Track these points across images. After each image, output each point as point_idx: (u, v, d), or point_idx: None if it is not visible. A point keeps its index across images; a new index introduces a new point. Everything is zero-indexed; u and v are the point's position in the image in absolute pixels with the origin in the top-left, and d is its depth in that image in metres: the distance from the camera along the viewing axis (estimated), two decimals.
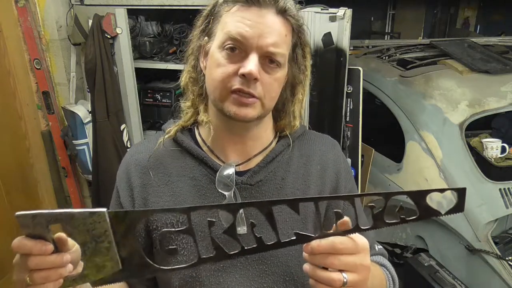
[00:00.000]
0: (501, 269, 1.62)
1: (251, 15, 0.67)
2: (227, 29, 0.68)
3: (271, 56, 0.69)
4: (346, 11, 1.65)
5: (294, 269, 0.78)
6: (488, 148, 1.96)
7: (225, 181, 0.75)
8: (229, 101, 0.70)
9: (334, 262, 0.57)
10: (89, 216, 0.52)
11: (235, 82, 0.68)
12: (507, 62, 2.19)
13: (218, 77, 0.70)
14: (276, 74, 0.71)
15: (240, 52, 0.68)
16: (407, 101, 2.08)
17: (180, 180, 0.78)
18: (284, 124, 0.82)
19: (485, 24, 5.26)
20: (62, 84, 2.11)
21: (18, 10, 1.91)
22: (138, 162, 0.82)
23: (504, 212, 1.72)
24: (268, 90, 0.71)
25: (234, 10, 0.69)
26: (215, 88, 0.71)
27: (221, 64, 0.69)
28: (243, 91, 0.68)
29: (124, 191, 0.81)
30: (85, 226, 0.52)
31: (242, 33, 0.67)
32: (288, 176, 0.80)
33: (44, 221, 0.51)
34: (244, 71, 0.67)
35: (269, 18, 0.68)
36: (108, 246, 0.53)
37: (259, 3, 0.67)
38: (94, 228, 0.52)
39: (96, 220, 0.52)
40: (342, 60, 1.73)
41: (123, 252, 0.54)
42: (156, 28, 2.12)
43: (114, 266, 0.54)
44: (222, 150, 0.80)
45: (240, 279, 0.76)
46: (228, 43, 0.68)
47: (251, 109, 0.71)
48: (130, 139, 2.11)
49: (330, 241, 0.57)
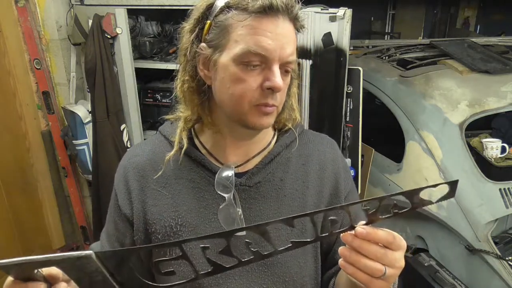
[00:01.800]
0: (501, 269, 1.62)
1: (269, 26, 0.65)
2: (246, 43, 0.65)
3: (288, 66, 0.69)
4: (346, 11, 1.65)
5: (293, 270, 0.78)
6: (488, 148, 1.96)
7: (224, 183, 0.75)
8: (252, 114, 0.69)
9: (383, 254, 0.56)
10: (76, 259, 0.51)
11: (258, 96, 0.67)
12: (507, 62, 2.19)
13: (238, 92, 0.68)
14: (287, 80, 0.72)
15: (260, 65, 0.67)
16: (407, 101, 2.08)
17: (178, 182, 0.78)
18: (284, 119, 0.81)
19: (485, 24, 5.26)
20: (62, 84, 2.11)
21: (18, 10, 1.91)
22: (136, 165, 0.81)
23: (504, 212, 1.72)
24: (283, 97, 0.72)
25: (249, 21, 0.65)
26: (235, 103, 0.69)
27: (241, 79, 0.67)
28: (268, 105, 0.68)
29: (122, 195, 0.80)
30: (76, 267, 0.51)
31: (265, 47, 0.65)
32: (286, 177, 0.79)
33: (30, 268, 0.50)
34: (274, 86, 0.66)
35: (285, 27, 0.67)
36: (102, 279, 0.53)
37: (275, 12, 0.65)
38: (85, 268, 0.52)
39: (85, 262, 0.51)
40: (342, 60, 1.73)
41: (120, 278, 0.55)
42: (156, 28, 2.12)
43: None
44: (223, 152, 0.79)
45: (239, 281, 0.76)
46: (251, 59, 0.66)
47: (271, 117, 0.71)
48: (130, 139, 2.11)
49: (388, 232, 0.56)
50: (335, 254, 0.83)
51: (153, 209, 0.77)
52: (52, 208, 2.25)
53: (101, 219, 2.08)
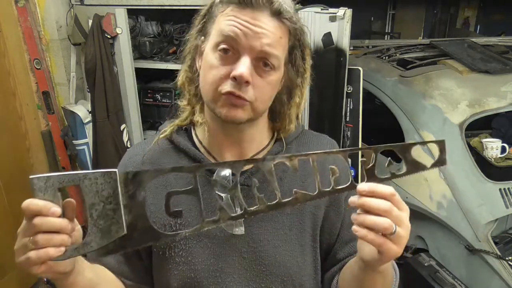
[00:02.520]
0: (501, 269, 1.62)
1: (245, 16, 0.66)
2: (220, 28, 0.68)
3: (265, 58, 0.68)
4: (346, 11, 1.65)
5: (292, 270, 0.78)
6: (488, 148, 1.96)
7: (222, 181, 0.74)
8: (220, 103, 0.69)
9: (389, 207, 0.57)
10: (101, 176, 0.54)
11: (226, 84, 0.67)
12: (507, 62, 2.19)
13: (210, 79, 0.69)
14: (269, 77, 0.70)
15: (233, 54, 0.67)
16: (407, 101, 2.08)
17: (177, 181, 0.78)
18: (279, 127, 0.81)
19: (485, 24, 5.26)
20: (62, 84, 2.11)
21: (18, 10, 1.91)
22: (136, 164, 0.81)
23: (504, 212, 1.72)
24: (260, 94, 0.70)
25: (228, 10, 0.67)
26: (207, 90, 0.71)
27: (214, 66, 0.68)
28: (233, 94, 0.67)
29: None
30: (96, 187, 0.54)
31: (235, 31, 0.66)
32: (285, 177, 0.79)
33: (57, 183, 0.52)
34: (235, 74, 0.65)
35: (263, 20, 0.67)
36: (115, 208, 0.54)
37: (252, 5, 0.66)
38: (103, 189, 0.54)
39: (107, 180, 0.54)
40: (342, 60, 1.73)
41: (129, 217, 0.55)
42: (156, 28, 2.12)
43: (119, 230, 0.55)
44: (219, 151, 0.79)
45: (238, 280, 0.76)
46: (222, 45, 0.67)
47: (241, 110, 0.70)
48: (130, 139, 2.11)
49: (390, 188, 0.57)
50: (336, 254, 0.83)
51: (153, 208, 0.77)
52: None
53: None
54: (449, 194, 1.77)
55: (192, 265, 0.75)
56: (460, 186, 1.75)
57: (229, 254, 0.76)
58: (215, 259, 0.75)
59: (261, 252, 0.76)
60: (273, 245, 0.76)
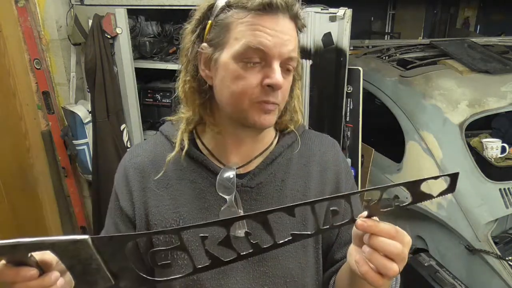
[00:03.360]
0: (501, 269, 1.62)
1: (268, 23, 0.65)
2: (246, 39, 0.65)
3: (289, 63, 0.69)
4: (346, 11, 1.65)
5: (294, 271, 0.78)
6: (488, 148, 1.96)
7: (225, 184, 0.74)
8: (252, 111, 0.69)
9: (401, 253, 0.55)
10: (71, 244, 0.50)
11: (259, 93, 0.67)
12: (507, 62, 2.19)
13: (239, 89, 0.67)
14: (289, 78, 0.72)
15: (260, 62, 0.67)
16: (407, 101, 2.08)
17: (180, 183, 0.78)
18: (286, 121, 0.81)
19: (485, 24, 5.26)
20: (62, 84, 2.11)
21: (18, 10, 1.91)
22: (137, 165, 0.80)
23: (504, 212, 1.72)
24: (285, 95, 0.72)
25: (249, 18, 0.66)
26: (236, 101, 0.69)
27: (241, 76, 0.67)
28: (268, 102, 0.68)
29: (124, 195, 0.80)
30: (69, 253, 0.50)
31: (264, 43, 0.65)
32: (288, 178, 0.79)
33: (24, 250, 0.49)
34: (272, 82, 0.66)
35: (285, 25, 0.67)
36: (97, 268, 0.52)
37: (274, 10, 0.66)
38: (78, 254, 0.51)
39: (80, 247, 0.50)
40: (342, 60, 1.73)
41: (114, 268, 0.53)
42: (156, 28, 2.12)
43: (107, 282, 0.53)
44: (224, 153, 0.78)
45: (241, 281, 0.76)
46: (251, 55, 0.66)
47: (272, 116, 0.70)
48: (130, 139, 2.11)
49: (390, 225, 0.56)
50: (334, 254, 0.83)
51: (155, 210, 0.77)
52: (52, 208, 2.25)
53: (101, 219, 2.08)
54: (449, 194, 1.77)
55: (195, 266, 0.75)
56: (460, 186, 1.74)
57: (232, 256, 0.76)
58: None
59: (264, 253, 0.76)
60: None
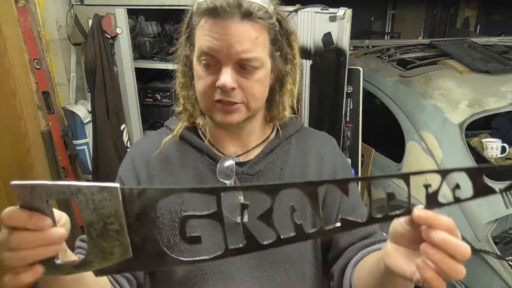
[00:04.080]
0: (501, 269, 1.62)
1: (216, 28, 0.67)
2: (199, 44, 0.71)
3: (245, 63, 0.69)
4: (346, 11, 1.65)
5: (294, 257, 0.79)
6: (488, 148, 1.96)
7: (225, 171, 0.78)
8: (215, 110, 0.73)
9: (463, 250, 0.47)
10: (98, 191, 0.43)
11: (216, 93, 0.71)
12: (507, 62, 2.19)
13: (200, 89, 0.73)
14: (255, 77, 0.71)
15: (214, 64, 0.70)
16: (407, 101, 2.08)
17: (183, 170, 0.81)
18: (273, 115, 0.83)
19: (485, 24, 5.25)
20: (62, 84, 2.11)
21: (18, 10, 1.91)
22: (144, 154, 0.84)
23: (504, 212, 1.72)
24: (250, 93, 0.72)
25: (202, 23, 0.70)
26: (200, 99, 0.75)
27: (201, 77, 0.72)
28: (223, 101, 0.71)
29: (130, 182, 0.83)
30: (93, 204, 0.44)
31: (211, 47, 0.68)
32: (286, 167, 0.82)
33: (44, 194, 0.44)
34: (219, 84, 0.69)
35: (234, 27, 0.67)
36: (118, 229, 0.45)
37: (221, 14, 0.66)
38: (103, 207, 0.44)
39: (106, 197, 0.44)
40: (342, 60, 1.73)
41: (136, 238, 0.46)
42: (156, 28, 2.12)
43: (124, 254, 0.46)
44: (221, 144, 0.83)
45: (242, 268, 0.78)
46: (202, 58, 0.70)
47: (236, 114, 0.73)
48: (130, 139, 2.11)
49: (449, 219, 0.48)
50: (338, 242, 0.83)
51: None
52: None
53: None
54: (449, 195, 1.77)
55: (196, 253, 0.76)
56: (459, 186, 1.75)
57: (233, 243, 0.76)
58: (219, 247, 0.76)
59: None
60: None
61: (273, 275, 0.78)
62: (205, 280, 0.77)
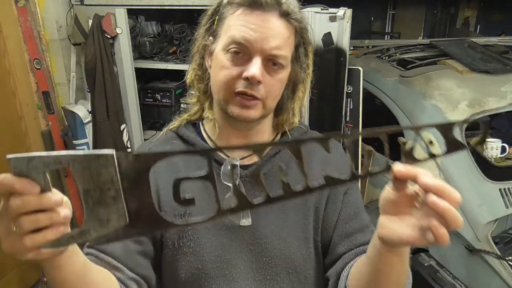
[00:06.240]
0: (501, 269, 1.62)
1: (255, 19, 0.69)
2: (231, 32, 0.70)
3: (274, 59, 0.71)
4: (346, 11, 1.65)
5: (297, 262, 0.79)
6: (488, 148, 1.96)
7: (229, 173, 0.77)
8: (232, 103, 0.73)
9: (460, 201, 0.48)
10: (94, 159, 0.44)
11: (238, 84, 0.71)
12: (507, 62, 2.19)
13: (222, 79, 0.72)
14: (278, 75, 0.73)
15: (243, 55, 0.70)
16: (407, 101, 2.08)
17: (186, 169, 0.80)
18: (282, 120, 0.84)
19: (485, 24, 5.25)
20: (62, 84, 2.11)
21: (18, 10, 1.91)
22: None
23: (504, 212, 1.72)
24: (270, 91, 0.73)
25: (238, 13, 0.70)
26: (219, 89, 0.74)
27: (225, 67, 0.71)
28: (246, 94, 0.71)
29: None
30: (90, 171, 0.44)
31: (246, 37, 0.69)
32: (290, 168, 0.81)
33: (41, 165, 0.43)
34: (248, 75, 0.69)
35: (272, 21, 0.69)
36: (114, 196, 0.45)
37: (262, 7, 0.69)
38: (99, 174, 0.44)
39: (103, 164, 0.44)
40: (342, 60, 1.73)
41: (131, 204, 0.46)
42: (156, 28, 2.12)
43: (120, 220, 0.46)
44: (226, 141, 0.82)
45: (244, 271, 0.78)
46: (232, 47, 0.70)
47: (253, 110, 0.73)
48: (130, 139, 2.11)
49: None
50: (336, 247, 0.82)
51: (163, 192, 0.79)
52: None
53: None
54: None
55: (200, 256, 0.76)
56: (460, 186, 1.75)
57: (236, 246, 0.78)
58: (222, 250, 0.77)
59: (267, 244, 0.77)
60: (279, 238, 0.78)
61: (275, 279, 0.78)
62: (208, 283, 0.77)
